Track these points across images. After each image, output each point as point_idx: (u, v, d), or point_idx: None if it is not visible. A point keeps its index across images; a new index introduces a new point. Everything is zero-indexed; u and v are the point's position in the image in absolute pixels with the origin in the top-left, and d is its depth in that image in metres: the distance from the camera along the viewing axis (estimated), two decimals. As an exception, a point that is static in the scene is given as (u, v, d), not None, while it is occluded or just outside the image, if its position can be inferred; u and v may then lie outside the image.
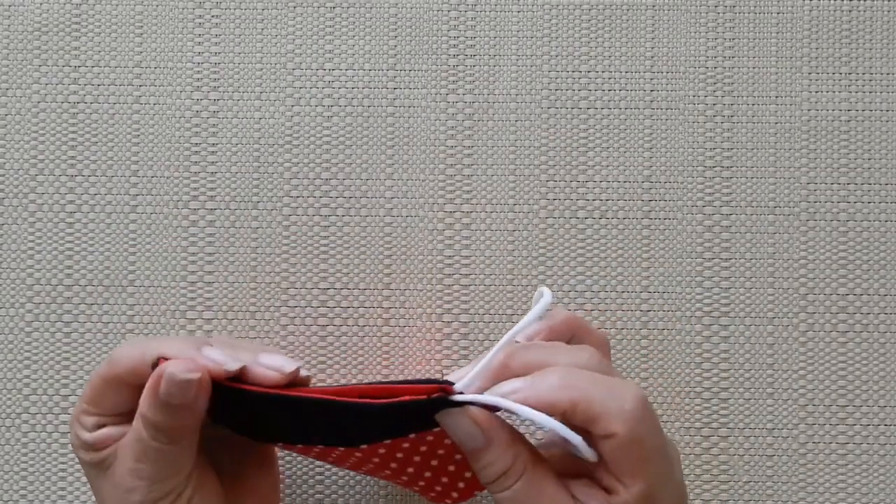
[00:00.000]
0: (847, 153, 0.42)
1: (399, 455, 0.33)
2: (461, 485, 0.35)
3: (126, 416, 0.33)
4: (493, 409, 0.31)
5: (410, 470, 0.34)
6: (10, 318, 0.41)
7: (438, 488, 0.35)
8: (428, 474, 0.34)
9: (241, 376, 0.32)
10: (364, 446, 0.32)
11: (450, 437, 0.31)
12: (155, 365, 0.31)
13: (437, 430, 0.31)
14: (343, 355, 0.41)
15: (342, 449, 0.33)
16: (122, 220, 0.41)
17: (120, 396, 0.32)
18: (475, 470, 0.31)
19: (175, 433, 0.31)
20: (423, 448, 0.33)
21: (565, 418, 0.30)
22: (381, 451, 0.32)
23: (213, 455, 0.35)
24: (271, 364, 0.32)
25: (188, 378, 0.30)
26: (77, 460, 0.41)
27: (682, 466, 0.35)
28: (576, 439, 0.30)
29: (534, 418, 0.29)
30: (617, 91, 0.42)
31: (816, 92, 0.42)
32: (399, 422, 0.31)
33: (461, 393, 0.31)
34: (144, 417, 0.31)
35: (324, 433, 0.32)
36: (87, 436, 0.32)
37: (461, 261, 0.41)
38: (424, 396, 0.30)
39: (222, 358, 0.32)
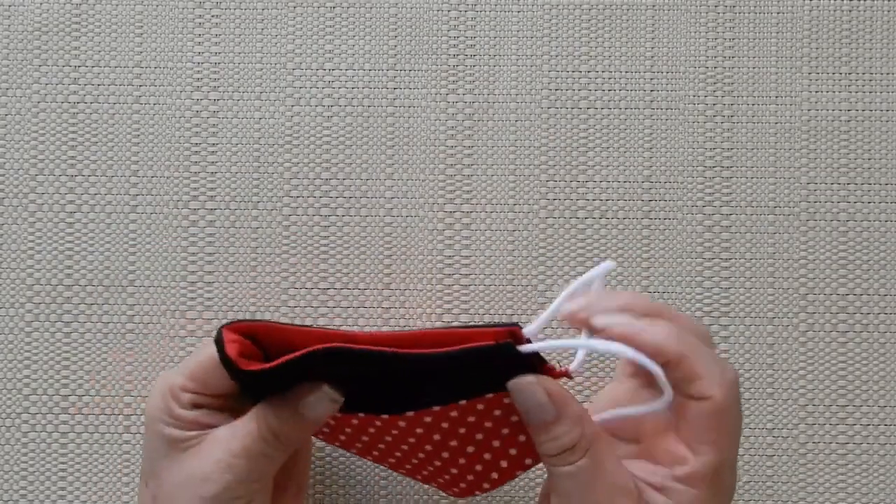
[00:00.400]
0: (847, 153, 0.42)
1: (444, 425, 0.31)
2: (504, 464, 0.33)
3: (224, 400, 0.32)
4: (558, 374, 0.30)
5: (453, 444, 0.32)
6: (10, 318, 0.41)
7: (470, 477, 0.34)
8: (462, 461, 0.33)
9: None
10: (410, 413, 0.31)
11: (500, 410, 0.31)
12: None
13: (489, 396, 0.30)
14: (343, 355, 0.41)
15: (379, 423, 0.32)
16: (122, 220, 0.41)
17: (228, 380, 0.32)
18: (538, 443, 0.30)
19: (292, 443, 0.31)
20: (471, 419, 0.31)
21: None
22: (427, 419, 0.31)
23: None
24: None
25: (339, 401, 0.31)
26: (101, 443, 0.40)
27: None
28: (659, 374, 0.29)
29: (627, 354, 0.28)
30: (617, 91, 0.42)
31: (816, 92, 0.42)
32: (459, 376, 0.30)
33: (529, 341, 0.29)
34: (268, 423, 0.31)
35: (373, 394, 0.31)
36: (182, 413, 0.32)
37: (461, 261, 0.41)
38: (492, 342, 0.29)
39: None
